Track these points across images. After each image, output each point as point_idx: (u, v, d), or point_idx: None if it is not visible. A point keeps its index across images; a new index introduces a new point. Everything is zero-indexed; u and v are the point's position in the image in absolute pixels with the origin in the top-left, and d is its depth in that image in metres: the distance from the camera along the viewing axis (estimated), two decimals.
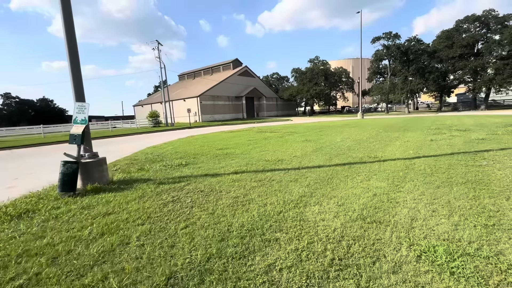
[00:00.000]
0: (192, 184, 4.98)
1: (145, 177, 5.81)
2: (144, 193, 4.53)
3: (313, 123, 24.79)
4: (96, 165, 5.18)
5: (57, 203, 4.26)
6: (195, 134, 17.93)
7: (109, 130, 29.43)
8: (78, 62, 5.20)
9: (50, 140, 19.87)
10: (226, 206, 3.73)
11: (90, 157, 5.26)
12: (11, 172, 7.72)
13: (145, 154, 9.40)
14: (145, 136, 20.94)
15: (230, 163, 6.91)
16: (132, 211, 3.69)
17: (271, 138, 12.46)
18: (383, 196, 3.78)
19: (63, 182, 4.63)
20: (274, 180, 4.98)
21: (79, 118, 5.05)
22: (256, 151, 8.79)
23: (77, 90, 5.15)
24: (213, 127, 27.22)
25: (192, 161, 7.57)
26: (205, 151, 9.40)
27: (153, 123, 32.44)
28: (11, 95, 64.01)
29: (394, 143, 8.93)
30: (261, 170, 5.88)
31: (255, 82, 49.47)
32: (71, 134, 4.94)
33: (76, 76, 5.15)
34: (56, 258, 2.57)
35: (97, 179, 5.18)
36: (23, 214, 3.82)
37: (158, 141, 14.81)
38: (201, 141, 13.22)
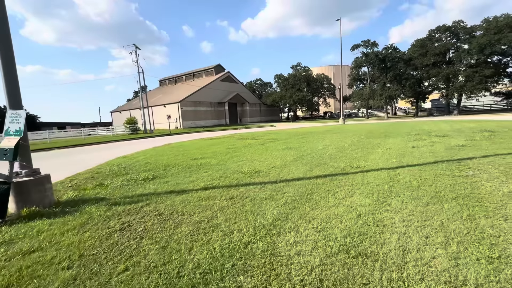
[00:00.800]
0: (152, 205, 4.26)
1: (100, 196, 5.01)
2: (89, 219, 3.76)
3: (295, 129, 24.57)
4: (35, 185, 4.33)
5: None
6: (173, 142, 17.01)
7: (81, 138, 27.63)
8: (13, 62, 4.37)
9: None
10: (184, 235, 3.07)
11: (28, 174, 4.40)
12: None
13: (111, 166, 8.49)
14: (119, 144, 19.67)
15: (202, 176, 6.23)
16: (64, 246, 2.93)
17: (252, 146, 11.89)
18: (369, 217, 3.29)
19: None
20: (248, 197, 4.38)
21: (12, 129, 4.21)
22: (233, 161, 8.16)
23: (11, 95, 4.31)
24: (194, 134, 26.28)
25: (161, 174, 6.81)
26: (179, 161, 8.64)
27: (131, 130, 30.93)
28: None
29: (376, 150, 8.65)
30: (234, 184, 5.26)
31: (238, 88, 49.04)
32: (1, 149, 4.09)
33: (9, 79, 4.31)
34: None
35: (36, 201, 4.32)
36: None
37: (131, 149, 13.79)
38: (177, 150, 12.39)
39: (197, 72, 51.00)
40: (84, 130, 32.22)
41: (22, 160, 4.41)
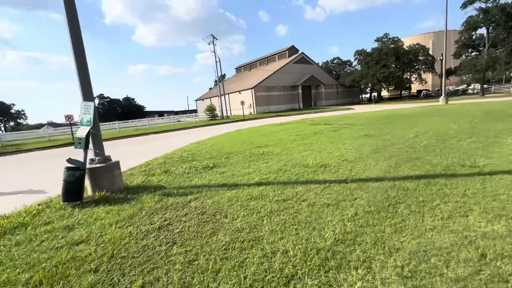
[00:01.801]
0: (200, 200, 3.94)
1: (160, 184, 5.11)
2: (140, 210, 3.72)
3: (378, 111, 21.13)
4: (105, 171, 4.67)
5: (54, 216, 3.81)
6: (244, 128, 17.23)
7: (172, 124, 31.75)
8: (84, 58, 4.70)
9: (123, 134, 22.30)
10: (217, 248, 2.53)
11: (101, 161, 4.78)
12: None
13: (182, 152, 8.98)
14: (198, 130, 21.46)
15: (260, 167, 5.65)
16: (105, 241, 2.86)
17: (323, 133, 10.60)
18: (504, 265, 1.95)
19: (65, 190, 4.21)
20: (306, 201, 3.51)
21: (85, 120, 4.57)
22: (298, 150, 7.27)
23: (84, 88, 4.67)
24: (265, 119, 26.26)
25: (221, 162, 6.61)
26: (242, 149, 8.37)
27: (210, 116, 33.54)
28: (104, 95, 76.66)
29: (504, 140, 6.10)
30: (293, 181, 4.44)
31: (312, 69, 46.15)
32: (77, 138, 4.50)
33: (82, 73, 4.66)
34: None
35: (106, 187, 4.67)
36: (15, 229, 3.44)
37: (206, 135, 14.63)
38: (245, 135, 12.31)
39: (271, 57, 50.51)
40: (174, 118, 36.99)
41: (95, 148, 4.82)
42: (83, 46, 4.71)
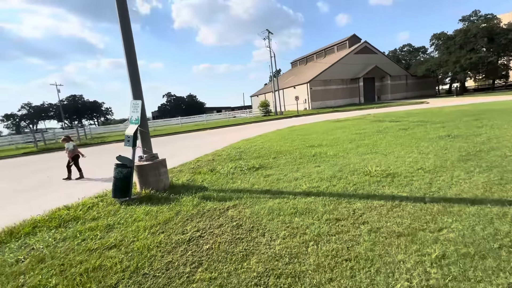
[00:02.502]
0: (239, 207, 3.53)
1: (203, 184, 4.92)
2: (176, 214, 3.52)
3: (462, 106, 17.44)
4: (151, 169, 4.70)
5: (102, 212, 3.94)
6: (297, 124, 16.41)
7: (227, 120, 32.91)
8: (135, 59, 4.78)
9: (184, 129, 24.07)
10: (244, 282, 2.03)
11: (148, 159, 4.84)
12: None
13: (231, 149, 8.84)
14: (251, 126, 21.51)
15: (310, 171, 4.95)
16: (135, 249, 2.68)
17: (389, 131, 9.09)
18: None
19: (114, 187, 4.35)
20: (366, 224, 2.73)
21: (133, 118, 4.65)
22: (357, 152, 6.25)
23: (134, 87, 4.75)
24: (321, 115, 24.73)
25: (269, 163, 6.12)
26: (292, 148, 7.72)
27: (263, 112, 33.50)
28: (171, 94, 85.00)
29: None
30: (349, 193, 3.64)
31: (377, 59, 41.53)
32: (126, 135, 4.61)
33: (133, 73, 4.75)
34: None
35: (152, 184, 4.70)
36: (68, 222, 3.65)
37: (258, 131, 14.41)
38: (297, 133, 11.56)
39: (329, 48, 47.47)
40: (230, 114, 38.30)
41: (143, 146, 4.89)
42: (135, 50, 4.80)
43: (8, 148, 22.58)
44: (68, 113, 70.12)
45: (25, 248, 2.99)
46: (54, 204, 4.55)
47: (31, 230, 3.52)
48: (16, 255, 2.83)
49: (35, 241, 3.14)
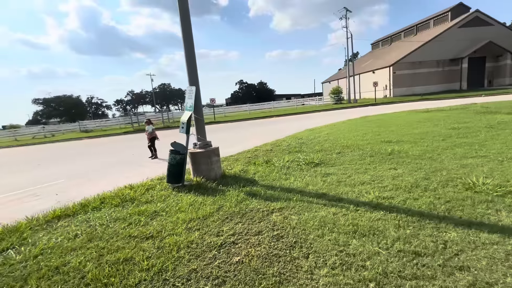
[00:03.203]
0: (285, 212, 3.01)
1: (254, 177, 4.59)
2: (218, 209, 3.27)
3: None
4: (203, 157, 4.62)
5: (156, 195, 4.07)
6: (372, 114, 14.36)
7: (295, 107, 31.99)
8: (192, 46, 4.67)
9: (251, 116, 24.62)
10: None
11: (201, 147, 4.77)
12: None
13: (292, 139, 8.26)
14: (319, 114, 20.13)
15: (382, 175, 3.96)
16: (165, 246, 2.52)
17: (506, 127, 6.75)
18: None
19: (168, 172, 4.44)
20: (467, 270, 1.81)
21: (188, 104, 4.59)
22: (454, 154, 4.76)
23: (190, 72, 4.67)
24: (405, 104, 21.11)
25: (331, 159, 5.32)
26: (364, 142, 6.59)
27: (335, 100, 31.04)
28: (243, 81, 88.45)
29: None
30: (439, 215, 2.62)
31: (491, 32, 32.29)
32: (181, 122, 4.62)
33: (190, 59, 4.66)
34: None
35: (204, 172, 4.64)
36: (126, 202, 3.89)
37: (325, 121, 13.26)
38: (371, 124, 9.98)
39: (422, 24, 39.59)
40: (298, 101, 37.08)
41: (197, 133, 4.84)
42: (192, 37, 4.70)
43: (115, 127, 27.80)
44: (159, 99, 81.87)
45: (86, 223, 3.26)
46: (127, 180, 5.01)
47: (98, 205, 3.89)
48: (77, 229, 3.10)
49: (95, 217, 3.41)
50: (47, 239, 2.90)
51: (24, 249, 2.71)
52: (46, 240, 2.88)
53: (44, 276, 2.21)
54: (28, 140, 24.27)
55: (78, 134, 24.74)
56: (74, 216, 3.59)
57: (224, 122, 22.32)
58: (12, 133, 27.93)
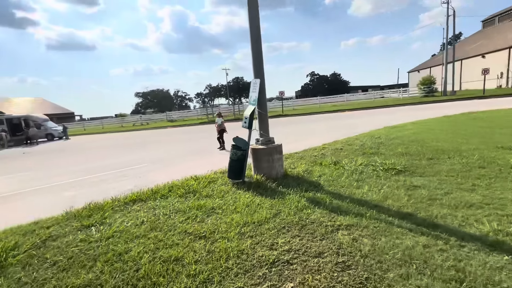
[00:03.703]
0: (355, 231, 2.45)
1: (319, 181, 4.08)
2: (275, 216, 2.96)
3: None
4: (265, 154, 4.37)
5: (216, 190, 4.07)
6: (480, 110, 11.37)
7: (372, 100, 28.67)
8: (258, 34, 4.39)
9: (322, 110, 23.35)
10: None
11: (263, 143, 4.52)
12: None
13: (367, 138, 7.21)
14: (403, 109, 17.34)
15: (505, 198, 2.86)
16: (215, 251, 2.37)
17: None
18: None
19: (229, 167, 4.37)
20: None
21: (252, 98, 4.37)
22: None
23: (256, 64, 4.42)
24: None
25: (419, 166, 4.30)
26: (468, 147, 5.14)
27: (425, 91, 26.26)
28: (314, 73, 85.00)
29: None
30: None
31: None
32: (244, 116, 4.45)
33: (255, 49, 4.40)
34: None
35: (265, 170, 4.39)
36: (188, 194, 4.02)
37: (411, 117, 11.23)
38: (479, 123, 7.82)
39: None
40: (377, 93, 33.09)
41: (260, 128, 4.60)
42: (259, 27, 4.42)
43: (193, 118, 30.91)
44: (233, 92, 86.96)
45: (152, 211, 3.47)
46: (196, 170, 5.27)
47: (166, 193, 4.14)
48: (144, 216, 3.31)
49: (161, 206, 3.59)
50: (120, 222, 3.17)
51: (102, 229, 3.03)
52: (119, 223, 3.16)
53: (109, 260, 2.36)
54: (129, 126, 29.47)
55: (165, 123, 28.58)
56: (146, 201, 3.90)
57: (292, 115, 21.82)
58: (119, 120, 34.52)
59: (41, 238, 2.92)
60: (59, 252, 2.59)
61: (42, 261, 2.48)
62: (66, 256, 2.51)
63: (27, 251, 2.68)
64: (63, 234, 3.02)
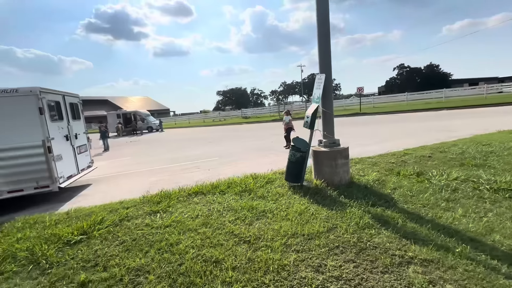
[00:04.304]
0: (434, 271, 1.86)
1: (393, 195, 3.41)
2: (329, 230, 2.58)
3: None
4: (327, 157, 3.94)
5: (271, 192, 3.92)
6: None
7: (482, 97, 22.81)
8: (327, 23, 3.92)
9: (410, 108, 20.14)
10: None
11: (326, 145, 4.08)
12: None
13: (470, 144, 5.69)
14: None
15: None
16: (255, 260, 2.21)
17: None
18: None
19: (287, 169, 4.14)
20: None
21: (316, 95, 3.98)
22: None
23: (322, 57, 3.99)
24: None
25: None
26: None
27: None
28: (404, 65, 73.96)
29: None
30: None
31: None
32: (306, 115, 4.10)
33: (322, 40, 3.97)
34: None
35: (326, 175, 3.97)
36: (243, 192, 4.02)
37: None
38: None
39: None
40: (489, 87, 26.10)
41: (324, 129, 4.16)
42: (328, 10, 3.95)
43: (266, 115, 31.70)
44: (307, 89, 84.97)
45: (208, 206, 3.60)
46: (258, 167, 5.31)
47: (225, 189, 4.26)
48: (200, 209, 3.46)
49: (217, 202, 3.70)
50: (179, 213, 3.41)
51: (164, 216, 3.33)
52: (178, 213, 3.40)
53: (161, 249, 2.53)
54: (209, 122, 32.62)
55: (240, 119, 30.34)
56: (205, 195, 4.10)
57: (371, 114, 19.57)
58: (202, 116, 38.72)
59: (120, 217, 3.42)
60: (128, 233, 2.96)
61: (115, 238, 2.88)
62: (132, 237, 2.83)
63: (108, 227, 3.17)
64: (135, 216, 3.46)
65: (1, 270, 2.45)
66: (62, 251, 2.69)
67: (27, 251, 2.73)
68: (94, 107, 43.89)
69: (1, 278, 2.34)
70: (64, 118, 5.74)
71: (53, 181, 4.92)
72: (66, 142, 5.69)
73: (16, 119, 4.69)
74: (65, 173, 5.41)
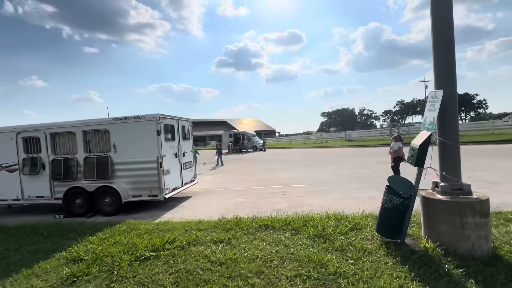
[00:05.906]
0: None
1: None
2: None
3: None
4: (447, 210, 2.65)
5: (355, 244, 3.01)
6: None
7: None
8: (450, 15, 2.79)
9: None
10: None
11: (445, 191, 2.77)
12: None
13: None
14: None
15: None
16: None
17: None
18: None
19: (379, 218, 3.09)
20: None
21: (428, 120, 2.82)
22: None
23: (440, 66, 2.84)
24: None
25: None
26: None
27: None
28: None
29: None
30: None
31: None
32: (411, 146, 2.97)
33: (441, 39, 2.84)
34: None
35: (445, 237, 2.67)
36: (315, 237, 3.29)
37: None
38: None
39: None
40: None
41: (441, 168, 2.86)
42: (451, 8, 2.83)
43: (374, 138, 27.94)
44: None
45: (272, 247, 3.11)
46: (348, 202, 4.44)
47: (300, 227, 3.66)
48: (262, 249, 3.03)
49: (284, 243, 3.16)
50: (239, 249, 3.09)
51: (226, 249, 3.10)
52: (238, 249, 3.09)
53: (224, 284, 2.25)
54: (310, 143, 31.97)
55: (342, 142, 28.10)
56: (276, 230, 3.64)
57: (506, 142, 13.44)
58: (303, 137, 38.64)
59: (188, 240, 3.47)
60: (186, 261, 2.90)
61: (174, 263, 2.87)
62: (186, 268, 2.73)
63: (175, 248, 3.24)
64: (202, 241, 3.42)
65: (89, 271, 2.85)
66: (132, 266, 2.90)
67: (112, 257, 3.12)
68: (216, 128, 52.51)
69: (85, 279, 2.71)
70: (176, 139, 6.80)
71: (160, 191, 5.78)
72: (175, 159, 6.67)
73: (142, 138, 5.87)
74: (171, 186, 6.29)
